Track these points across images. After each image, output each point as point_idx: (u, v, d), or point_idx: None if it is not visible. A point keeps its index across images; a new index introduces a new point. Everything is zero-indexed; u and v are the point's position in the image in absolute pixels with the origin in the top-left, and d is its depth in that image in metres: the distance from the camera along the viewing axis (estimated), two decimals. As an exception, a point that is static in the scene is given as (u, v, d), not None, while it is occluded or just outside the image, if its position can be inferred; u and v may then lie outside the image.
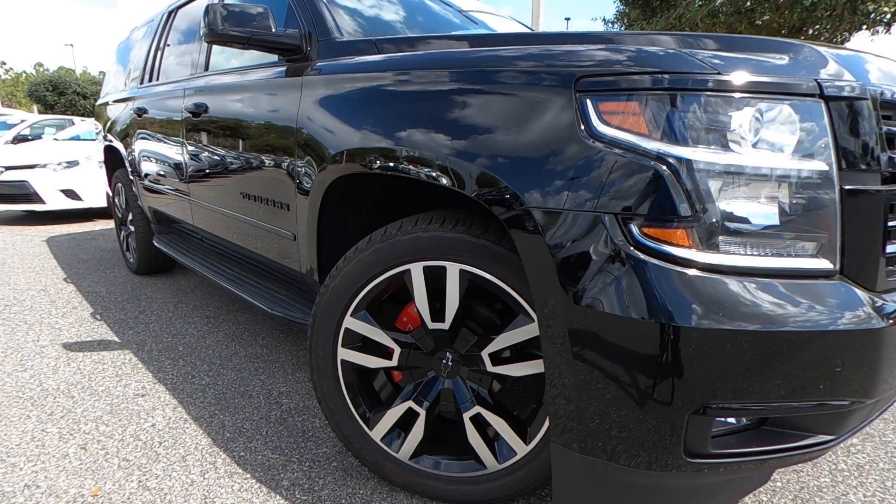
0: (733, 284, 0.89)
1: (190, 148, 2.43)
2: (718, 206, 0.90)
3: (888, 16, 5.72)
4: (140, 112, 3.04)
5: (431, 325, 1.30)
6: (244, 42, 1.69)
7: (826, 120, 0.91)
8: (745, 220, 0.91)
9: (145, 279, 3.63)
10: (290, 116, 1.67)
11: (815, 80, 0.89)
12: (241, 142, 1.99)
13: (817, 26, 5.71)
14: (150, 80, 3.15)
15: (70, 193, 5.89)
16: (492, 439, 1.32)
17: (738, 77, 0.88)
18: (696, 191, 0.89)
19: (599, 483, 1.04)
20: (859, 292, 0.95)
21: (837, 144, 0.92)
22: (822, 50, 0.95)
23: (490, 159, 1.05)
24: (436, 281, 1.27)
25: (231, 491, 1.43)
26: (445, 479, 1.36)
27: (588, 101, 0.95)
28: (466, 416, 1.31)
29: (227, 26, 1.67)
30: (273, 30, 1.70)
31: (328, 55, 1.65)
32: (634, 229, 0.92)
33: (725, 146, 0.89)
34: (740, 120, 0.89)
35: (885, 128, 0.97)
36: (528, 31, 2.73)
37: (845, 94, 0.91)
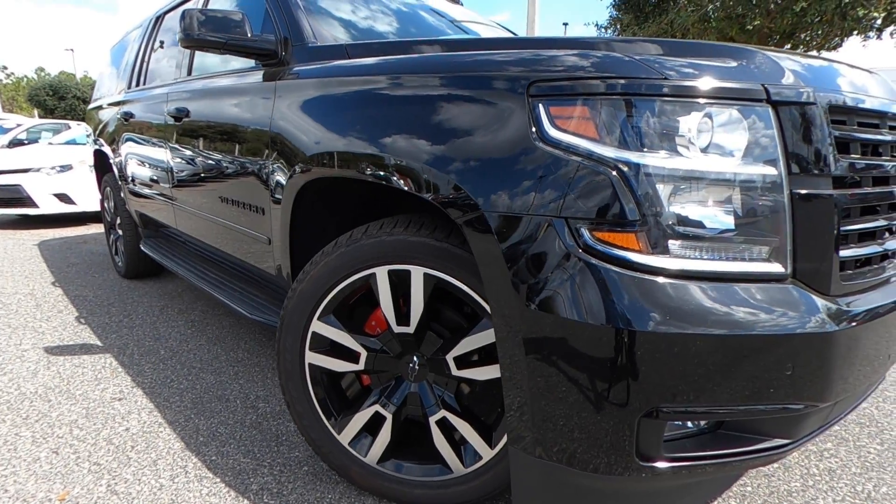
0: (683, 288, 0.90)
1: (172, 152, 2.43)
2: (668, 210, 0.90)
3: (878, 21, 5.75)
4: (127, 116, 3.05)
5: (397, 329, 1.30)
6: (220, 47, 1.70)
7: (774, 125, 0.91)
8: (695, 225, 0.91)
9: (133, 283, 3.63)
10: (264, 121, 1.68)
11: (763, 85, 0.90)
12: (219, 146, 2.00)
13: (809, 31, 5.73)
14: (138, 84, 3.17)
15: (63, 197, 5.91)
16: (458, 443, 1.32)
17: (685, 82, 0.89)
18: (645, 195, 0.89)
19: (556, 487, 1.04)
20: (812, 296, 0.95)
21: (787, 149, 0.92)
22: (773, 55, 0.96)
23: (445, 163, 1.05)
24: (402, 284, 1.27)
25: (199, 495, 1.43)
26: (412, 483, 1.36)
27: (540, 105, 0.95)
28: (432, 420, 1.31)
29: (203, 32, 1.68)
30: (249, 35, 1.72)
31: (302, 60, 1.66)
32: (585, 233, 0.92)
33: (674, 151, 0.90)
34: (688, 125, 0.90)
35: (836, 133, 0.97)
36: (499, 36, 2.74)
37: (793, 99, 0.91)
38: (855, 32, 5.84)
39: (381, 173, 1.18)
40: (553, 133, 0.94)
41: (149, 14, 3.35)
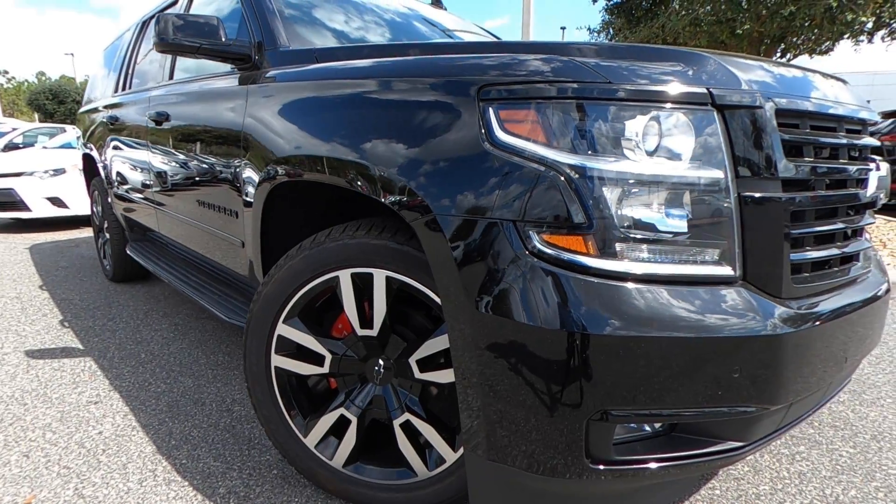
0: (629, 291, 0.90)
1: (154, 156, 2.44)
2: (616, 213, 0.90)
3: (869, 25, 5.77)
4: (112, 120, 3.06)
5: (361, 332, 1.31)
6: (194, 51, 1.71)
7: (720, 128, 0.92)
8: (642, 228, 0.92)
9: (120, 286, 3.63)
10: (237, 124, 1.68)
11: (708, 89, 0.90)
12: (197, 150, 2.01)
13: (802, 35, 5.74)
14: (125, 88, 3.18)
15: (56, 201, 5.91)
16: (423, 447, 1.32)
17: (631, 87, 0.89)
18: (592, 199, 0.90)
19: (511, 491, 1.04)
20: (762, 299, 0.96)
21: (733, 153, 0.93)
22: (720, 59, 0.96)
23: (400, 166, 1.06)
24: (366, 288, 1.27)
25: (166, 499, 1.43)
26: (377, 486, 1.36)
27: (490, 109, 0.96)
28: (396, 423, 1.31)
29: (178, 36, 1.69)
30: (223, 39, 1.72)
31: (275, 65, 1.67)
32: (534, 236, 0.92)
33: (621, 155, 0.90)
34: (634, 129, 0.90)
35: (786, 136, 0.98)
36: (458, 41, 2.75)
37: (739, 102, 0.92)
38: (846, 36, 5.86)
39: (339, 176, 1.19)
40: (502, 137, 0.94)
41: (137, 18, 3.36)
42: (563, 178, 0.90)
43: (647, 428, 1.05)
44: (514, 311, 0.92)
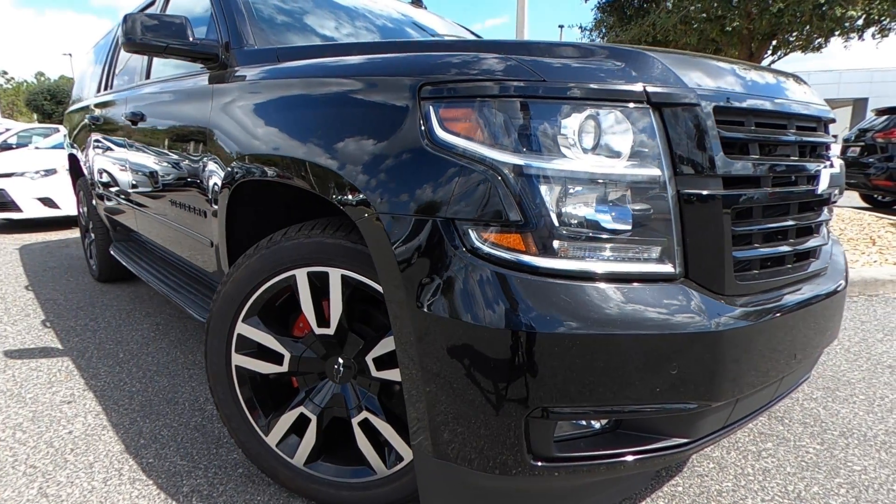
0: (568, 289, 0.90)
1: (131, 156, 2.44)
2: (553, 211, 0.91)
3: (860, 21, 5.75)
4: (94, 120, 3.06)
5: (318, 331, 1.31)
6: (161, 51, 1.71)
7: (657, 126, 0.92)
8: (580, 225, 0.92)
9: (106, 286, 3.63)
10: (203, 123, 1.69)
11: (643, 86, 0.91)
12: (169, 149, 2.01)
13: (794, 32, 5.73)
14: (107, 87, 3.18)
15: (47, 201, 5.92)
16: (382, 445, 1.32)
17: (565, 84, 0.90)
18: (528, 197, 0.90)
19: (458, 488, 1.04)
20: (702, 296, 0.96)
21: (671, 150, 0.93)
22: (659, 57, 0.96)
23: (346, 164, 1.06)
24: (323, 287, 1.28)
25: (128, 498, 1.43)
26: (338, 484, 1.36)
27: (431, 107, 0.96)
28: (355, 421, 1.32)
29: (145, 36, 1.69)
30: (190, 39, 1.73)
31: (241, 65, 1.67)
32: (472, 234, 0.93)
33: (556, 153, 0.91)
34: (569, 126, 0.90)
35: (727, 134, 0.98)
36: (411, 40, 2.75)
37: (675, 100, 0.92)
38: (836, 33, 5.85)
39: (291, 175, 1.19)
40: (442, 135, 0.95)
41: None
42: (499, 177, 0.90)
43: (597, 425, 1.05)
44: (453, 309, 0.92)
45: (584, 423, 1.04)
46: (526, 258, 0.91)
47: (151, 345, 2.56)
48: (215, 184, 1.60)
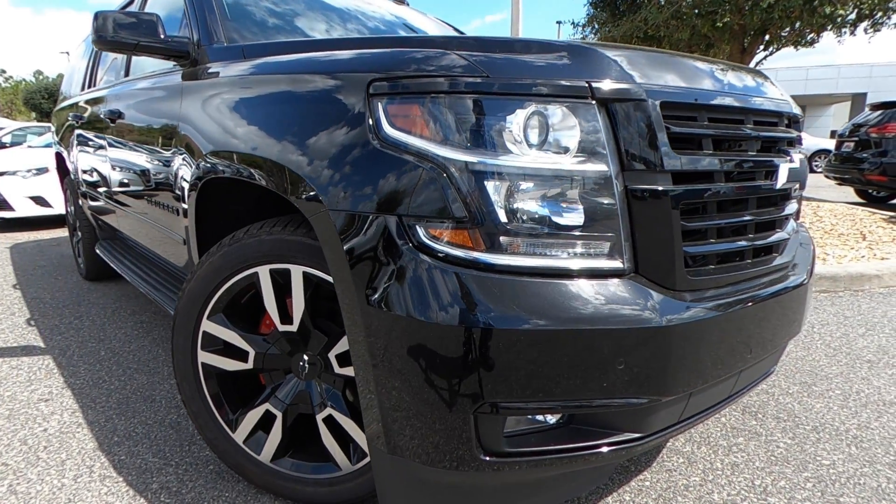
0: (514, 285, 0.90)
1: (111, 154, 2.44)
2: (498, 207, 0.91)
3: (852, 16, 5.73)
4: (77, 118, 3.06)
5: (282, 328, 1.31)
6: (132, 48, 1.70)
7: (603, 122, 0.92)
8: (527, 221, 0.92)
9: (94, 285, 3.64)
10: (174, 121, 1.69)
11: (588, 82, 0.91)
12: (145, 147, 2.01)
13: (782, 28, 5.71)
14: (90, 85, 3.18)
15: (39, 200, 5.92)
16: (347, 441, 1.33)
17: (509, 80, 0.90)
18: (474, 193, 0.90)
19: (412, 484, 1.05)
20: (651, 291, 0.96)
21: (618, 146, 0.93)
22: (605, 52, 0.96)
23: (300, 161, 1.06)
24: (285, 283, 1.28)
25: (97, 495, 1.44)
26: (304, 480, 1.37)
27: (379, 104, 0.96)
28: (319, 417, 1.32)
29: (116, 33, 1.69)
30: (161, 36, 1.72)
31: (210, 62, 1.67)
32: (419, 231, 0.93)
33: (501, 149, 0.91)
34: (513, 122, 0.90)
35: (675, 129, 0.98)
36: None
37: (621, 96, 0.92)
38: (829, 28, 5.83)
39: (250, 172, 1.19)
40: (390, 131, 0.95)
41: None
42: (444, 173, 0.90)
43: (552, 419, 1.06)
44: (400, 305, 0.92)
45: (539, 418, 1.05)
46: (473, 255, 0.91)
47: (134, 342, 2.56)
48: (185, 181, 1.60)
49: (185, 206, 1.62)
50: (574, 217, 0.92)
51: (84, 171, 3.05)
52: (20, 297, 3.37)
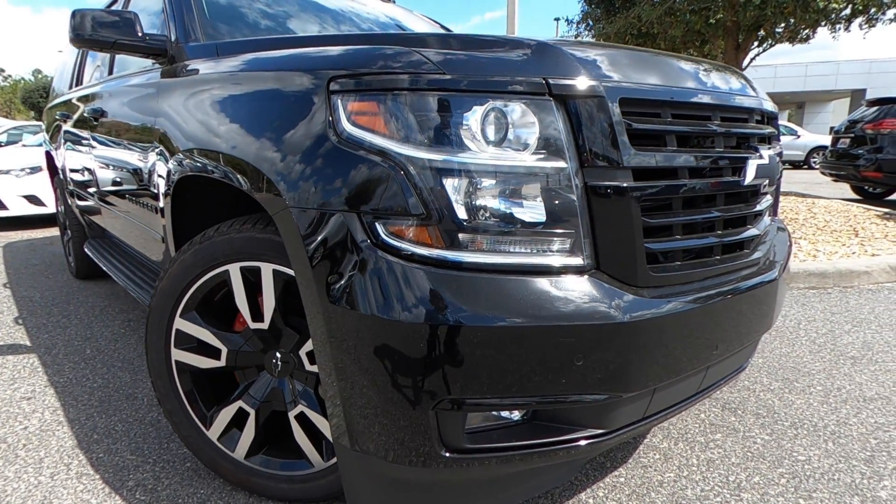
0: (473, 281, 0.91)
1: (95, 152, 2.44)
2: (457, 204, 0.91)
3: (846, 12, 5.71)
4: (63, 117, 3.06)
5: (253, 325, 1.32)
6: (109, 46, 1.71)
7: (560, 118, 0.92)
8: (486, 218, 0.92)
9: (84, 283, 3.64)
10: (151, 119, 1.69)
11: (544, 78, 0.90)
12: (127, 145, 2.01)
13: (776, 24, 5.70)
14: (77, 84, 3.18)
15: (33, 199, 5.92)
16: (319, 438, 1.33)
17: (466, 77, 0.90)
18: (432, 190, 0.90)
19: (376, 480, 1.05)
20: (611, 288, 0.96)
21: (576, 142, 0.93)
22: (565, 48, 0.96)
23: (263, 159, 1.06)
24: (256, 281, 1.28)
25: (73, 492, 1.45)
26: (277, 477, 1.37)
27: (339, 101, 0.96)
28: (291, 414, 1.33)
29: (95, 31, 1.69)
30: (139, 34, 1.72)
31: (187, 60, 1.67)
32: (379, 228, 0.93)
33: (459, 146, 0.91)
34: (471, 119, 0.90)
35: (635, 125, 0.98)
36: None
37: (578, 92, 0.92)
38: (823, 24, 5.81)
39: (219, 169, 1.19)
40: (349, 129, 0.95)
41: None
42: (402, 171, 0.90)
43: (516, 416, 1.06)
44: (360, 302, 0.93)
45: (505, 414, 1.05)
46: (432, 252, 0.91)
47: (120, 341, 2.57)
48: (161, 179, 1.60)
49: (161, 204, 1.62)
50: (533, 214, 0.92)
51: (71, 170, 3.05)
52: (10, 295, 3.37)
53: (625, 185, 0.95)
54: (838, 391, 2.01)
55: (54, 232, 5.82)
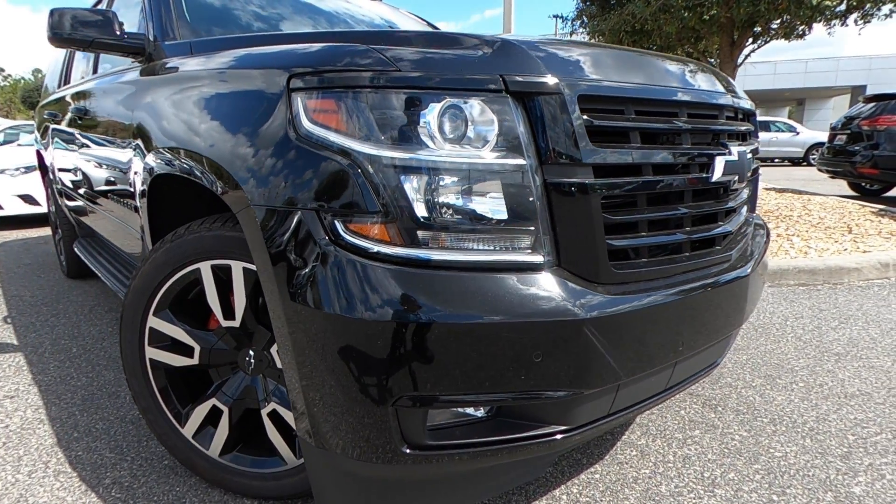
0: (432, 278, 0.91)
1: (79, 151, 2.45)
2: (415, 201, 0.91)
3: (841, 7, 5.69)
4: (51, 116, 3.07)
5: (225, 323, 1.32)
6: (87, 46, 1.71)
7: (517, 115, 0.92)
8: (444, 216, 0.92)
9: (75, 282, 3.65)
10: (129, 118, 1.69)
11: (501, 75, 0.90)
12: (108, 144, 2.01)
13: (770, 20, 5.67)
14: (65, 82, 3.18)
15: (27, 198, 5.92)
16: (292, 436, 1.33)
17: (421, 74, 0.90)
18: (389, 187, 0.90)
19: (339, 476, 1.05)
20: (571, 284, 0.96)
21: (535, 139, 0.93)
22: (522, 44, 0.96)
23: (227, 157, 1.07)
24: (227, 279, 1.28)
25: (49, 490, 1.45)
26: (251, 475, 1.38)
27: (298, 99, 0.96)
28: (264, 412, 1.33)
29: (72, 31, 1.69)
30: (117, 33, 1.73)
31: (167, 58, 1.67)
32: (338, 226, 0.93)
33: (416, 143, 0.91)
34: (428, 116, 0.90)
35: (596, 122, 0.98)
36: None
37: (535, 89, 0.92)
38: (819, 20, 5.79)
39: (187, 168, 1.20)
40: (308, 126, 0.95)
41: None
42: (359, 168, 0.90)
43: (480, 413, 1.06)
44: (319, 300, 0.93)
45: (470, 411, 1.05)
46: (391, 249, 0.91)
47: (107, 339, 2.57)
48: (139, 177, 1.60)
49: (139, 203, 1.63)
50: (492, 211, 0.92)
51: (59, 169, 3.06)
52: (0, 294, 3.38)
53: (585, 182, 0.95)
54: (820, 387, 2.01)
55: (49, 231, 5.83)
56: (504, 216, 0.92)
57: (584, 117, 0.95)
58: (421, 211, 0.91)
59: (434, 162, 0.90)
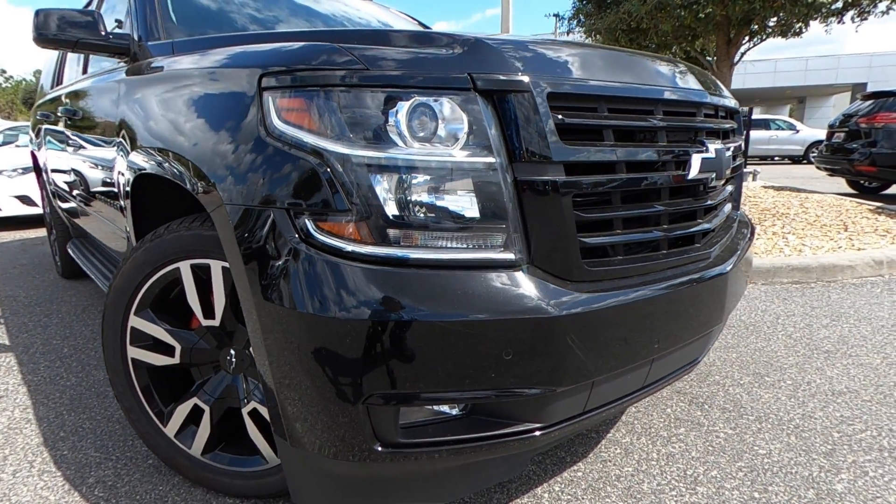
0: (402, 277, 0.91)
1: (70, 151, 2.45)
2: (385, 200, 0.91)
3: (837, 5, 5.67)
4: (44, 116, 3.07)
5: (205, 322, 1.32)
6: (72, 46, 1.71)
7: (487, 113, 0.92)
8: (414, 214, 0.92)
9: (70, 283, 3.66)
10: (114, 118, 1.69)
11: (469, 73, 0.91)
12: (94, 144, 2.02)
13: (765, 17, 5.67)
14: (58, 83, 3.18)
15: (25, 199, 5.93)
16: (272, 434, 1.34)
17: (389, 72, 0.90)
18: (359, 186, 0.90)
19: (314, 475, 1.06)
20: (542, 282, 0.96)
21: (506, 137, 0.93)
22: (492, 42, 0.96)
23: (200, 156, 1.07)
24: (207, 278, 1.29)
25: (33, 489, 1.46)
26: (233, 473, 1.38)
27: (269, 98, 0.96)
28: (245, 411, 1.33)
29: (58, 31, 1.70)
30: (102, 33, 1.73)
31: (154, 57, 1.67)
32: (308, 224, 0.93)
33: (385, 141, 0.91)
34: (397, 115, 0.90)
35: (567, 120, 0.98)
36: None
37: (504, 87, 0.92)
38: (815, 17, 5.78)
39: (164, 167, 1.20)
40: (279, 125, 0.95)
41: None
42: (328, 167, 0.90)
43: (454, 411, 1.06)
44: (290, 298, 0.93)
45: (446, 409, 1.05)
46: (361, 248, 0.92)
47: (98, 340, 2.58)
48: (122, 177, 1.61)
49: (124, 203, 1.63)
50: (463, 209, 0.92)
51: (52, 170, 3.06)
52: (-6, 295, 3.39)
53: (555, 179, 0.95)
54: (808, 385, 2.01)
55: (45, 232, 5.84)
56: (475, 214, 0.93)
57: (555, 115, 0.95)
58: (391, 209, 0.91)
59: (404, 160, 0.90)
